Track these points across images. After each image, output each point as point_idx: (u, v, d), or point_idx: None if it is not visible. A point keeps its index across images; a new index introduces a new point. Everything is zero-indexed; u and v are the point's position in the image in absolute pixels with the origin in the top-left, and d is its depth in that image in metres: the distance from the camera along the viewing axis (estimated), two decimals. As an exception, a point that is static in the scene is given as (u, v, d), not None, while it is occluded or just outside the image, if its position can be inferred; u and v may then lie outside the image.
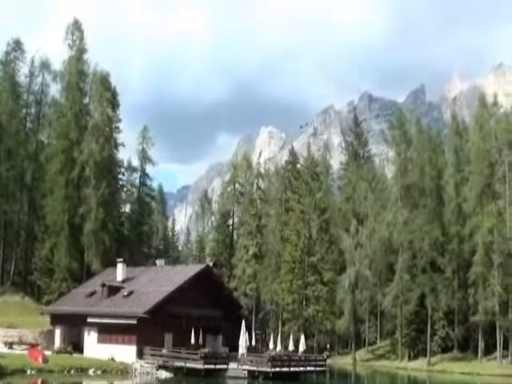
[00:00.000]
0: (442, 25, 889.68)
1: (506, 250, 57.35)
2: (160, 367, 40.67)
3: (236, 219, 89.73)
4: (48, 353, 41.72)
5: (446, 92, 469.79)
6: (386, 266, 70.10)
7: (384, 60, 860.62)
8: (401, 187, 68.19)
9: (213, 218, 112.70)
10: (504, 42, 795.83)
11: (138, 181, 77.00)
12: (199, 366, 39.00)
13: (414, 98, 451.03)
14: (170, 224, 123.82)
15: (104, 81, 67.82)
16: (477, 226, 59.12)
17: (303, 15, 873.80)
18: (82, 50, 68.94)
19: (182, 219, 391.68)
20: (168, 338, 43.17)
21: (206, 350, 40.70)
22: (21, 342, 45.15)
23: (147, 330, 41.99)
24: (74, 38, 69.24)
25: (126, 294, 45.83)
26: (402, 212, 66.56)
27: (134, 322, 42.06)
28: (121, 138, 70.61)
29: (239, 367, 39.90)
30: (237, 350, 41.57)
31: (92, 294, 48.47)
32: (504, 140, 60.31)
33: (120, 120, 70.01)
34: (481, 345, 59.64)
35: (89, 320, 45.09)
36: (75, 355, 43.82)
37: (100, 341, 44.42)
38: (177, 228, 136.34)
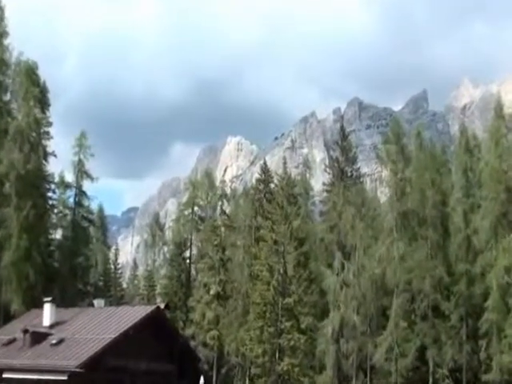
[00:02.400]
0: (447, 21, 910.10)
1: (526, 293, 57.95)
2: None
3: (194, 250, 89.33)
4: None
5: (453, 100, 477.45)
6: (378, 310, 70.07)
7: (378, 61, 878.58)
8: (397, 214, 68.49)
9: (165, 249, 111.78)
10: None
11: (72, 200, 76.10)
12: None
13: (415, 107, 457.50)
14: (112, 255, 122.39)
15: (30, 73, 66.37)
16: (490, 264, 59.61)
17: (280, 10, 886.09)
18: (1, 33, 67.97)
19: (127, 249, 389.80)
20: (108, 398, 42.47)
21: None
22: None
23: (81, 389, 41.20)
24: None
25: (54, 342, 44.84)
26: (397, 245, 66.81)
27: (65, 377, 41.00)
28: (51, 146, 69.60)
29: None
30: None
31: (10, 342, 47.21)
32: (525, 159, 61.25)
33: (51, 124, 68.71)
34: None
35: (5, 375, 43.99)
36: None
37: (20, 402, 43.46)
38: (121, 260, 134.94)
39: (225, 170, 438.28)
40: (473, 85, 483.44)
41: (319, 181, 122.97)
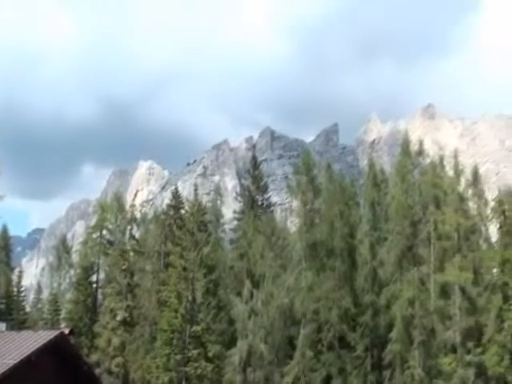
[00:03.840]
0: (360, 57, 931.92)
1: (429, 325, 59.17)
2: None
3: (102, 275, 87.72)
4: None
5: (363, 134, 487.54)
6: (286, 339, 70.13)
7: (291, 92, 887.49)
8: (306, 245, 69.00)
9: (72, 272, 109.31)
10: (433, 79, 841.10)
11: (-27, 219, 73.86)
12: None
13: (326, 139, 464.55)
14: (15, 277, 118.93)
15: None
16: (395, 296, 60.73)
17: (196, 36, 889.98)
18: None
19: (31, 271, 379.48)
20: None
21: None
22: None
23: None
24: None
25: (-49, 367, 43.15)
26: (306, 275, 67.27)
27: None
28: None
29: None
30: None
31: None
32: (430, 195, 62.87)
33: None
34: None
35: None
36: None
37: None
38: (25, 283, 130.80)
39: (135, 194, 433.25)
40: (381, 120, 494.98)
41: (230, 208, 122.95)
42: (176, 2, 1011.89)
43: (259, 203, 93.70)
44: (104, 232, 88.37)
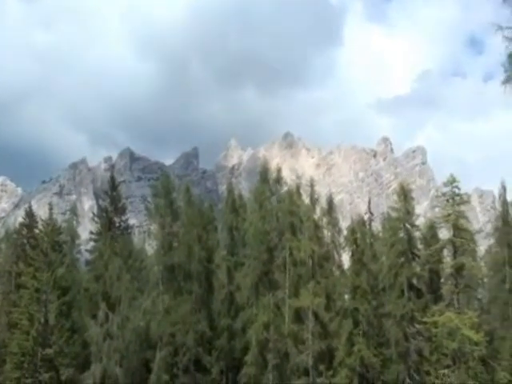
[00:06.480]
0: (222, 83, 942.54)
1: (284, 349, 60.56)
2: None
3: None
4: None
5: (223, 160, 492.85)
6: (141, 363, 69.57)
7: (152, 115, 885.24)
8: (163, 268, 68.98)
9: None
10: (293, 108, 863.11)
11: None
12: None
13: (186, 163, 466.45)
14: None
15: None
16: (251, 320, 61.78)
17: (55, 55, 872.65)
18: None
19: None
20: None
21: None
22: None
23: None
24: None
25: None
26: (162, 298, 67.20)
27: None
28: None
29: None
30: None
31: None
32: (286, 222, 64.62)
33: None
34: None
35: None
36: None
37: None
38: None
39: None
40: (241, 147, 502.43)
41: (87, 229, 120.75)
42: (36, 18, 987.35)
43: (117, 225, 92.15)
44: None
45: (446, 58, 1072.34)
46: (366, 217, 77.53)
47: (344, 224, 78.61)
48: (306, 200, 69.58)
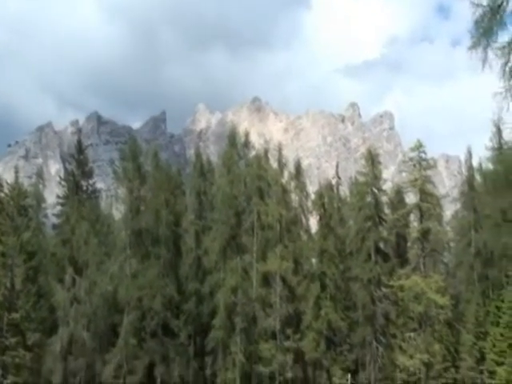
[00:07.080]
0: (189, 45, 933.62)
1: (251, 312, 60.89)
2: None
3: None
4: None
5: (191, 124, 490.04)
6: (109, 327, 69.45)
7: (120, 78, 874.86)
8: (130, 232, 68.55)
9: None
10: (261, 73, 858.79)
11: None
12: None
13: (153, 127, 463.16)
14: None
15: None
16: (218, 284, 61.98)
17: (21, 17, 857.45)
18: None
19: None
20: None
21: None
22: None
23: None
24: None
25: None
26: (130, 262, 66.96)
27: None
28: None
29: None
30: None
31: None
32: (254, 187, 64.57)
33: None
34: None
35: None
36: None
37: None
38: None
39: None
40: (209, 111, 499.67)
41: (53, 193, 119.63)
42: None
43: (84, 188, 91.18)
44: None
45: (414, 23, 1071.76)
46: (333, 181, 77.81)
47: (312, 188, 78.85)
48: (274, 164, 69.60)
